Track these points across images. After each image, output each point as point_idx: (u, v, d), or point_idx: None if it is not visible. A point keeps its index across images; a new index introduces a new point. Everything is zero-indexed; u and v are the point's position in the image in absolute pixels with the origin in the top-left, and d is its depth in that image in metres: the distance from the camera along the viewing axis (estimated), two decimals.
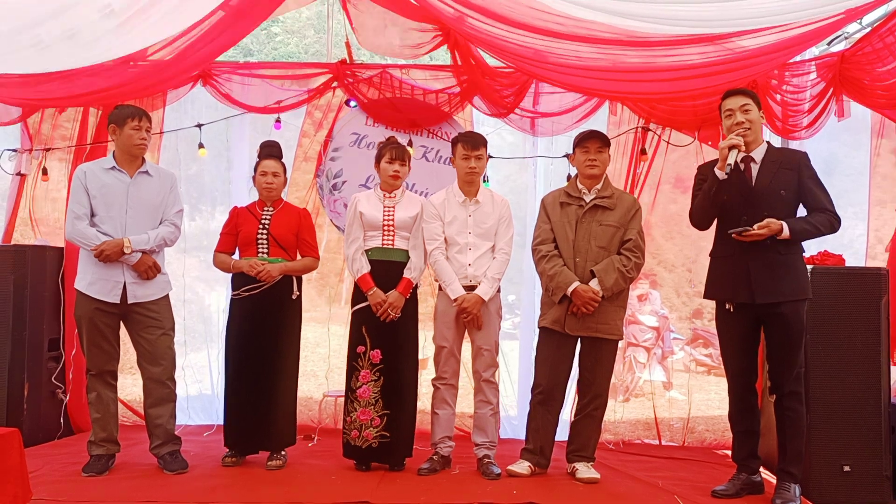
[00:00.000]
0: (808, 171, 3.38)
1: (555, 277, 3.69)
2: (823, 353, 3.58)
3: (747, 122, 3.37)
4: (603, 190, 3.79)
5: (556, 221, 3.79)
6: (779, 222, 3.26)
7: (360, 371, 3.80)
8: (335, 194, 4.85)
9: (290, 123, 4.89)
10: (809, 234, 3.35)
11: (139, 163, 3.74)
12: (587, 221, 3.74)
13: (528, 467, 3.77)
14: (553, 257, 3.74)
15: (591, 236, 3.71)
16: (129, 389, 4.99)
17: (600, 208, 3.75)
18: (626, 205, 3.78)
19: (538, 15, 3.91)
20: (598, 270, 3.65)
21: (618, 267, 3.66)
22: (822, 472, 3.55)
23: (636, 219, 3.78)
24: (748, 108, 3.39)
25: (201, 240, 5.15)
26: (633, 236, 3.73)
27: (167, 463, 3.73)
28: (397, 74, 4.82)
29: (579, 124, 4.63)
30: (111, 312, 3.67)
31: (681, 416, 4.94)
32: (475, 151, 3.83)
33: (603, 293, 3.63)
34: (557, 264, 3.71)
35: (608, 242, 3.71)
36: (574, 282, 3.65)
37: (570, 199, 3.80)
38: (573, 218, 3.75)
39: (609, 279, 3.63)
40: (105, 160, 3.77)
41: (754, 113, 3.40)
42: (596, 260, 3.68)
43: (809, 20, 3.70)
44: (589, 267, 3.68)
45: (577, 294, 3.63)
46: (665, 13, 3.77)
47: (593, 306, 3.64)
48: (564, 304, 3.69)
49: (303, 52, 13.16)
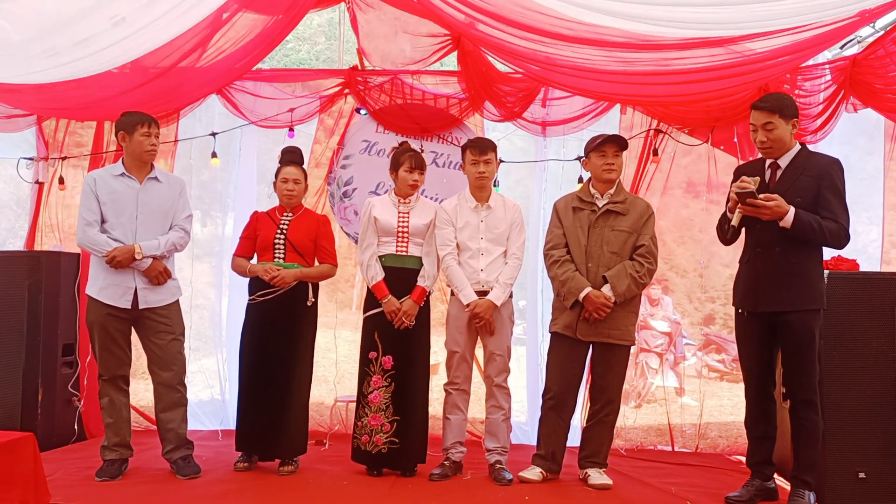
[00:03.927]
0: (828, 180, 3.26)
1: (567, 283, 3.68)
2: (838, 359, 3.55)
3: (769, 142, 3.31)
4: (616, 195, 3.77)
5: (568, 226, 3.78)
6: (787, 205, 3.19)
7: (371, 377, 3.81)
8: (345, 202, 4.86)
9: (303, 131, 4.92)
10: (812, 233, 3.21)
11: (148, 169, 3.76)
12: (600, 226, 3.72)
13: (540, 473, 3.76)
14: (565, 262, 3.73)
15: (604, 241, 3.70)
16: (142, 395, 5.02)
17: (613, 213, 3.73)
18: (639, 210, 3.77)
19: (548, 20, 3.91)
20: (611, 276, 3.64)
21: (630, 273, 3.65)
22: (837, 478, 3.52)
23: (649, 224, 3.76)
24: (771, 125, 3.30)
25: (213, 245, 5.17)
26: (645, 242, 3.71)
27: (180, 468, 3.74)
28: (408, 80, 4.84)
29: (590, 124, 4.63)
30: (122, 318, 3.69)
31: (693, 421, 4.91)
32: (483, 156, 3.83)
33: (615, 299, 3.62)
34: (569, 269, 3.70)
35: (620, 248, 3.70)
36: (586, 287, 3.64)
37: (583, 203, 3.79)
38: (585, 223, 3.74)
39: (621, 285, 3.62)
40: (114, 167, 3.79)
41: (779, 130, 3.29)
42: (608, 265, 3.67)
43: (822, 22, 3.67)
44: (601, 272, 3.67)
45: (588, 300, 3.62)
46: (676, 16, 3.76)
47: (605, 312, 3.62)
48: (576, 309, 3.68)
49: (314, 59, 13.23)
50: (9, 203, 6.01)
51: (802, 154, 3.37)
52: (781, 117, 3.30)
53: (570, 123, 4.66)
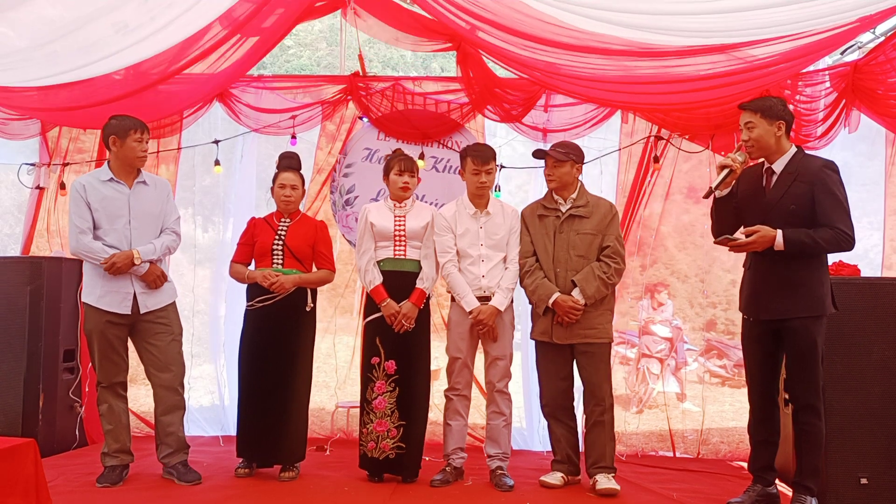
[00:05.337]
0: (822, 184, 3.20)
1: (536, 291, 3.76)
2: (840, 364, 3.55)
3: (751, 141, 3.31)
4: (578, 199, 3.81)
5: (535, 234, 3.84)
6: (773, 231, 3.20)
7: (375, 382, 3.80)
8: (348, 209, 4.87)
9: (305, 138, 4.93)
10: (808, 248, 3.18)
11: (136, 173, 3.74)
12: (565, 231, 3.77)
13: (561, 478, 3.79)
14: (534, 271, 3.79)
15: (570, 246, 3.75)
16: (142, 400, 5.02)
17: (576, 217, 3.78)
18: (602, 211, 3.80)
19: (549, 28, 3.93)
20: (579, 280, 3.70)
21: (598, 275, 3.69)
22: (839, 484, 3.51)
23: (613, 224, 3.80)
24: (751, 125, 3.30)
25: (214, 251, 5.18)
26: (611, 242, 3.75)
27: (181, 474, 3.73)
28: (409, 86, 4.85)
29: (591, 131, 4.64)
30: (121, 324, 3.69)
31: (695, 427, 4.90)
32: (485, 166, 3.84)
33: (585, 301, 3.66)
34: (538, 277, 3.76)
35: (587, 251, 3.75)
36: (554, 293, 3.70)
37: (547, 210, 3.84)
38: (551, 229, 3.79)
39: (590, 288, 3.67)
40: (100, 172, 3.73)
41: (759, 129, 3.28)
42: (576, 269, 3.72)
43: (823, 29, 3.68)
44: (570, 277, 3.72)
45: (557, 304, 3.69)
46: (677, 24, 3.78)
47: (575, 315, 3.67)
48: (549, 315, 3.74)
49: (315, 65, 13.26)
50: (10, 209, 6.03)
51: (797, 158, 3.32)
52: (763, 117, 3.28)
53: (571, 130, 4.67)
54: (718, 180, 3.34)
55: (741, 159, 3.32)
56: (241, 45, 4.43)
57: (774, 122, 3.29)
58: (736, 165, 3.31)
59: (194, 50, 4.32)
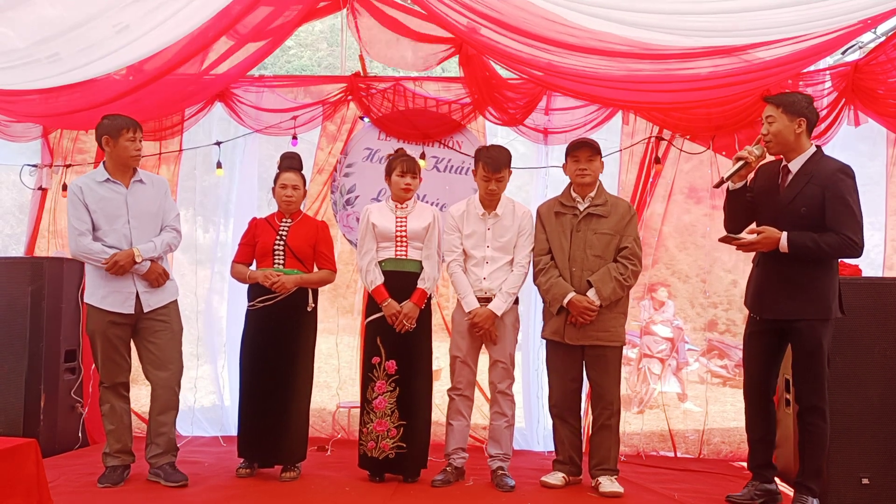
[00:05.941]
0: (835, 188, 3.16)
1: (550, 290, 3.71)
2: (841, 364, 3.54)
3: (769, 135, 3.27)
4: (597, 197, 3.77)
5: (550, 231, 3.79)
6: (778, 233, 3.19)
7: (375, 382, 3.80)
8: (348, 209, 4.87)
9: (305, 139, 4.93)
10: (812, 253, 3.16)
11: (132, 172, 3.73)
12: (582, 230, 3.72)
13: (563, 478, 3.78)
14: (549, 269, 3.74)
15: (587, 245, 3.70)
16: (143, 401, 5.00)
17: (595, 216, 3.73)
18: (621, 211, 3.76)
19: (552, 26, 3.92)
20: (595, 280, 3.65)
21: (614, 276, 3.65)
22: (840, 484, 3.51)
23: (631, 225, 3.75)
24: (771, 118, 3.25)
25: (215, 251, 5.18)
26: (629, 244, 3.71)
27: (168, 474, 3.69)
28: (410, 87, 4.85)
29: (592, 132, 4.63)
30: (124, 324, 3.68)
31: (696, 427, 4.90)
32: (496, 174, 3.77)
33: (600, 302, 3.63)
34: (553, 276, 3.72)
35: (604, 251, 3.70)
36: (569, 292, 3.65)
37: (565, 208, 3.79)
38: (568, 227, 3.74)
39: (606, 289, 3.63)
40: (97, 173, 3.72)
41: (779, 124, 3.24)
42: (592, 269, 3.68)
43: (829, 30, 3.65)
44: (585, 276, 3.67)
45: (572, 304, 3.64)
46: (680, 24, 3.77)
47: (590, 316, 3.63)
48: (563, 314, 3.69)
49: (316, 66, 13.24)
50: (11, 209, 6.03)
51: (814, 159, 3.27)
52: (785, 112, 3.24)
53: (572, 131, 4.66)
54: (731, 171, 3.30)
55: (758, 153, 3.28)
56: (244, 47, 4.43)
57: (795, 119, 3.24)
58: (752, 158, 3.27)
59: (196, 49, 4.31)
